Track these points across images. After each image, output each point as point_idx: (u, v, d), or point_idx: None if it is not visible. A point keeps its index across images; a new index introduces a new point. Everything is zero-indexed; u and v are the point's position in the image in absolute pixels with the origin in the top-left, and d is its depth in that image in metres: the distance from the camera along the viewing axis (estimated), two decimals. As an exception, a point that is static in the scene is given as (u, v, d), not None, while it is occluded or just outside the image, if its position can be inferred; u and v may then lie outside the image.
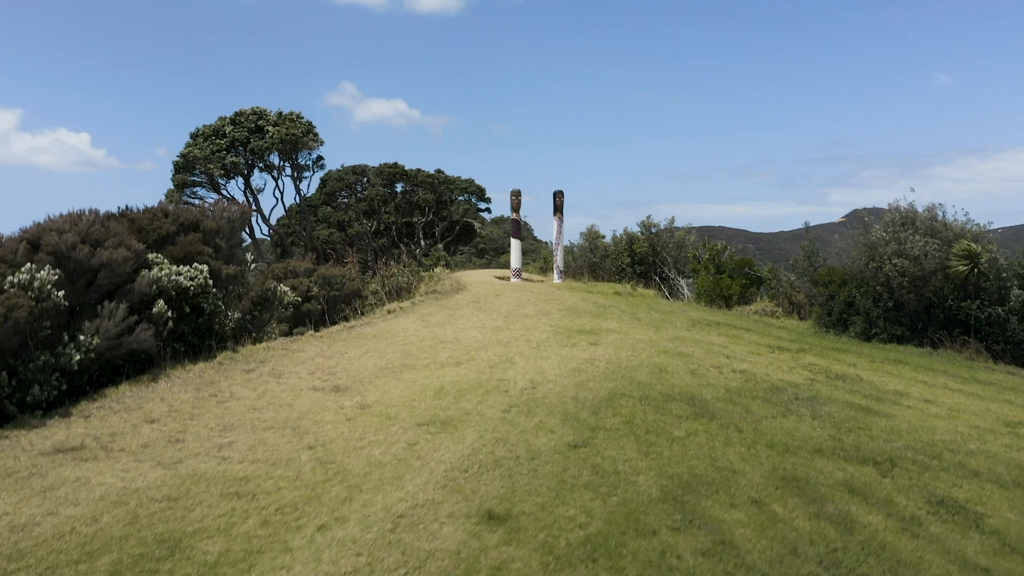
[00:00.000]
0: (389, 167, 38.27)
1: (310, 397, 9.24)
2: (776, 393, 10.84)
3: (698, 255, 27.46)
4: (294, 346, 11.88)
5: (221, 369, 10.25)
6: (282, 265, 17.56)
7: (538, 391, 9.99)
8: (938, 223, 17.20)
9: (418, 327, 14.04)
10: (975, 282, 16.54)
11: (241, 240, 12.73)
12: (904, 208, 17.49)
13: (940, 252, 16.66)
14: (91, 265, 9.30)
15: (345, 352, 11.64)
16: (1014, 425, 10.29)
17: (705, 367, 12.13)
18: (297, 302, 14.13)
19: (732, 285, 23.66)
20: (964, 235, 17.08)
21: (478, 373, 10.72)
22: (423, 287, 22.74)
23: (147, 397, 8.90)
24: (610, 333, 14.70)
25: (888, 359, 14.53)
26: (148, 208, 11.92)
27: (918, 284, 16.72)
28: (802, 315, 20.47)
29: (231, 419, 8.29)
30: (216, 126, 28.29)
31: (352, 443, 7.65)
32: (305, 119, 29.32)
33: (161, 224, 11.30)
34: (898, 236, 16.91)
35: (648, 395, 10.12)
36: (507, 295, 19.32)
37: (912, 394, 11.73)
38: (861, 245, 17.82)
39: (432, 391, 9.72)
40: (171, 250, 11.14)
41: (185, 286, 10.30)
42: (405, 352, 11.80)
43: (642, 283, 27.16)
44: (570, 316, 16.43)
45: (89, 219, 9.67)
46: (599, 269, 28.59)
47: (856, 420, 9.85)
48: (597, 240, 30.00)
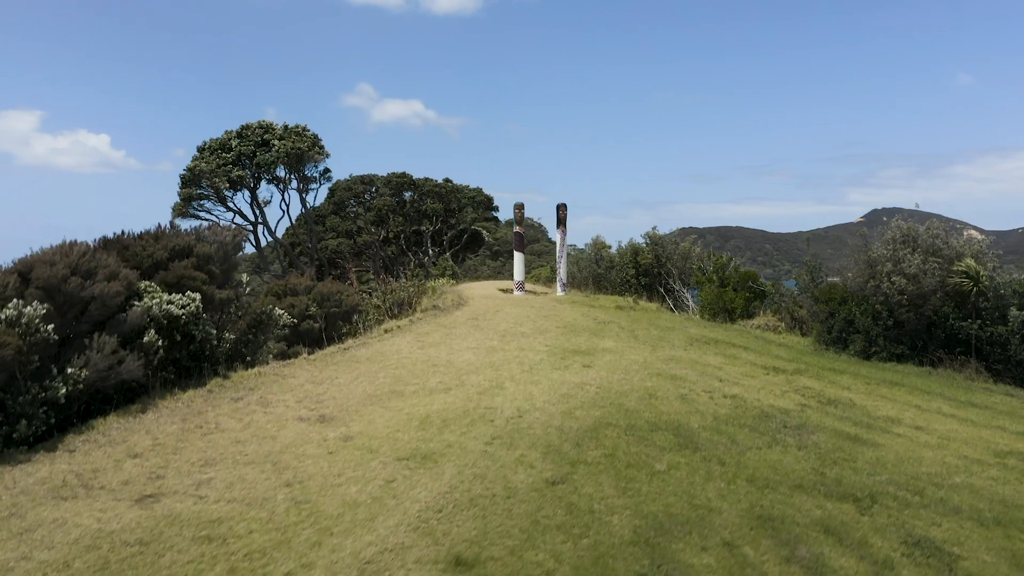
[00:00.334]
0: (397, 176, 38.40)
1: (295, 428, 9.32)
2: (764, 421, 10.82)
3: (703, 267, 27.41)
4: (286, 371, 11.98)
5: (210, 398, 10.35)
6: (282, 282, 17.68)
7: (524, 420, 10.02)
8: (939, 241, 17.08)
9: (412, 348, 14.10)
10: (975, 301, 16.42)
11: (236, 263, 12.83)
12: (905, 225, 17.38)
13: (940, 270, 16.56)
14: (82, 297, 9.43)
15: (336, 377, 11.72)
16: (1003, 455, 10.22)
17: (696, 392, 12.12)
18: (293, 323, 14.22)
19: (736, 299, 23.60)
20: (965, 253, 16.96)
21: (466, 400, 10.77)
22: (425, 300, 22.81)
23: (133, 429, 9.01)
24: (605, 354, 14.71)
25: (884, 381, 14.46)
26: (142, 234, 12.06)
27: (917, 303, 16.61)
28: (804, 331, 20.39)
29: (213, 453, 8.38)
30: (222, 140, 28.50)
31: (330, 480, 7.71)
32: (311, 132, 29.49)
33: (154, 251, 11.42)
34: (897, 254, 16.81)
35: (634, 424, 10.13)
36: (507, 311, 19.36)
37: (904, 420, 11.67)
38: (861, 262, 17.73)
39: (417, 421, 9.78)
40: (164, 276, 11.26)
41: (176, 315, 10.41)
42: (396, 377, 11.86)
43: (646, 295, 27.14)
44: (567, 334, 16.45)
45: (80, 250, 9.79)
46: (604, 280, 28.57)
47: (842, 451, 9.82)
48: (602, 251, 29.98)
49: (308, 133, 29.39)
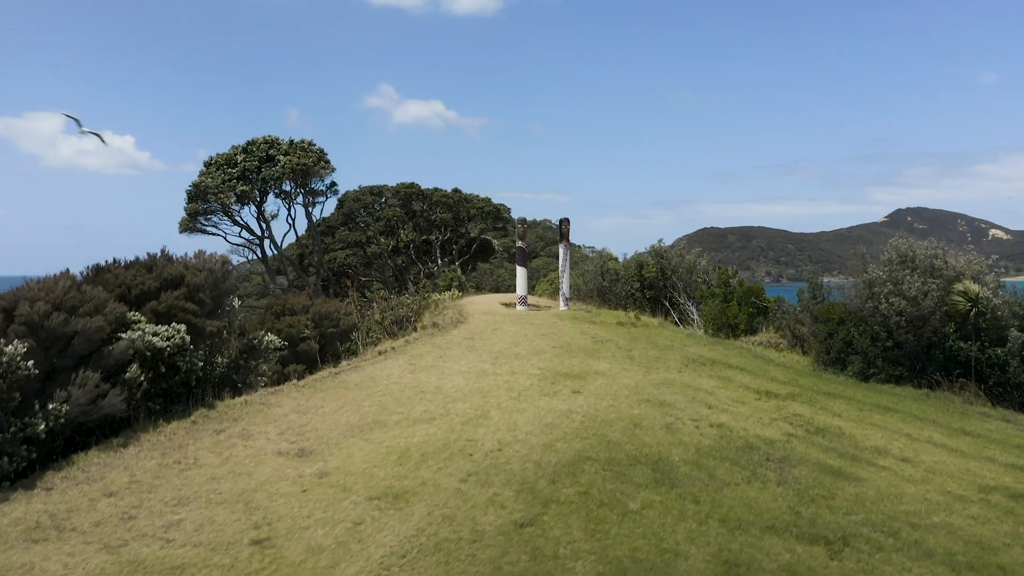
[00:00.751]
0: (406, 187, 38.59)
1: (272, 463, 9.40)
2: (748, 453, 10.77)
3: (708, 280, 27.31)
4: (272, 399, 12.08)
5: (193, 430, 10.46)
6: (280, 301, 17.81)
7: (503, 453, 10.05)
8: (938, 261, 16.93)
9: (404, 372, 14.17)
10: (974, 322, 16.26)
11: (227, 290, 12.96)
12: (903, 246, 17.24)
13: (939, 292, 16.40)
14: (65, 332, 9.57)
15: (321, 406, 11.81)
16: (988, 491, 10.11)
17: (683, 420, 12.09)
18: (284, 346, 14.33)
19: (739, 314, 23.49)
20: (965, 273, 16.80)
21: (448, 432, 10.81)
22: (427, 316, 22.89)
23: (112, 465, 9.13)
24: (598, 377, 14.70)
25: (878, 406, 14.34)
26: (133, 263, 12.21)
27: (916, 324, 16.47)
28: (805, 348, 20.25)
29: (188, 491, 8.48)
30: (228, 155, 28.73)
31: (299, 522, 7.78)
32: (317, 147, 29.70)
33: (144, 281, 11.56)
34: (895, 275, 16.68)
35: (614, 458, 10.12)
36: (505, 328, 19.38)
37: (892, 451, 11.58)
38: (860, 282, 17.60)
39: (396, 455, 9.83)
40: (153, 306, 11.39)
41: (160, 347, 10.54)
42: (381, 406, 11.93)
43: (650, 310, 27.07)
44: (562, 356, 16.45)
45: (65, 285, 9.94)
46: (609, 293, 28.52)
47: (822, 486, 9.76)
48: (608, 263, 29.92)
49: (314, 148, 29.59)
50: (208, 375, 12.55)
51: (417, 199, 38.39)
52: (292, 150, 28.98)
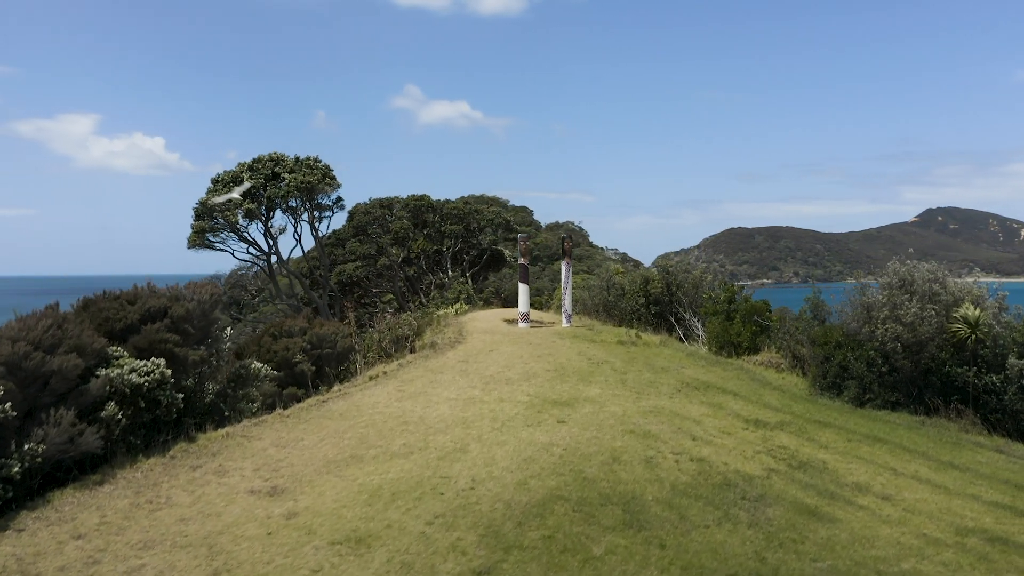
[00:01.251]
0: (416, 199, 38.79)
1: (243, 503, 9.51)
2: (724, 491, 10.72)
3: (713, 296, 27.16)
4: (254, 431, 12.21)
5: (171, 465, 10.61)
6: (277, 324, 17.99)
7: (475, 492, 10.09)
8: (937, 285, 16.73)
9: (390, 400, 14.25)
10: (973, 349, 16.06)
11: (216, 319, 13.12)
12: (903, 269, 17.06)
13: (937, 318, 16.21)
14: (43, 372, 9.74)
15: (302, 439, 11.91)
16: (965, 533, 9.99)
17: (664, 454, 12.05)
18: (275, 374, 14.48)
19: (742, 332, 23.36)
20: (965, 298, 16.59)
21: (423, 468, 10.86)
22: (428, 333, 23.02)
23: (86, 504, 9.29)
24: (586, 404, 14.69)
25: (868, 436, 14.20)
26: (120, 295, 12.40)
27: (913, 350, 16.29)
28: (805, 370, 20.08)
29: (155, 533, 8.60)
30: (235, 173, 29.08)
31: (258, 568, 7.87)
32: (323, 163, 29.96)
33: (127, 314, 11.74)
34: (893, 300, 16.51)
35: (586, 497, 10.12)
36: (502, 349, 19.43)
37: (873, 488, 11.47)
38: (858, 305, 17.44)
39: (368, 493, 9.90)
40: (135, 340, 11.56)
41: (138, 383, 10.70)
42: (361, 438, 12.01)
43: (655, 326, 26.98)
44: (554, 380, 16.45)
45: (45, 324, 10.12)
46: (614, 309, 28.46)
47: (794, 528, 9.70)
48: (614, 277, 29.86)
49: (320, 165, 29.86)
50: (195, 405, 12.72)
51: (427, 211, 38.57)
52: (298, 167, 29.29)
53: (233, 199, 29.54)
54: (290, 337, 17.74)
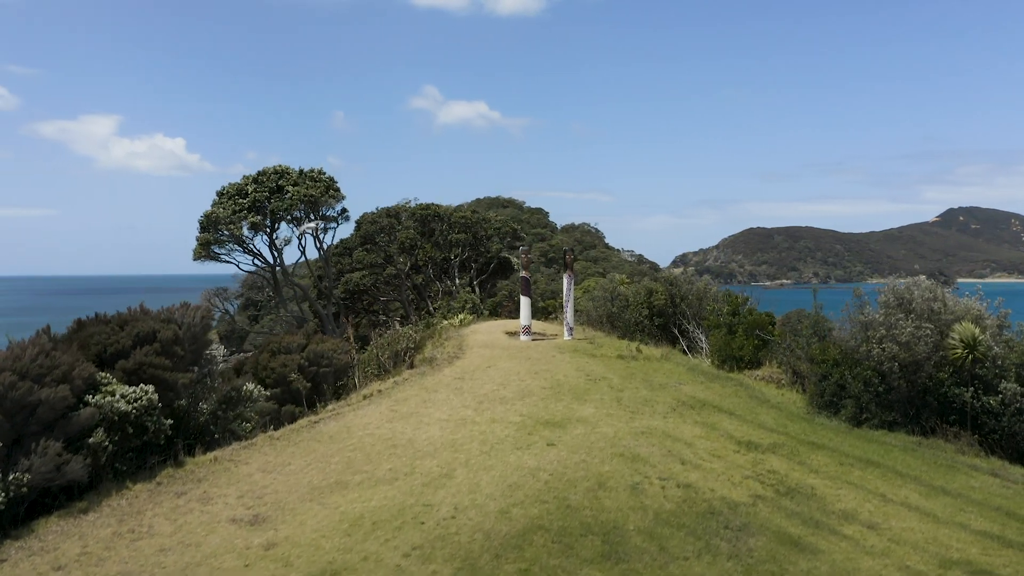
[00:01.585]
0: (423, 208, 38.93)
1: (223, 532, 9.59)
2: (707, 520, 10.69)
3: (717, 308, 27.06)
4: (242, 455, 12.30)
5: (156, 492, 10.71)
6: (276, 340, 18.11)
7: (456, 521, 10.11)
8: (936, 304, 16.59)
9: (382, 421, 14.32)
10: (971, 369, 15.92)
11: (207, 342, 13.24)
12: (900, 287, 16.93)
13: (935, 336, 16.08)
14: (30, 402, 9.87)
15: (288, 463, 11.99)
16: (948, 566, 9.91)
17: (651, 479, 12.03)
18: (267, 395, 14.58)
19: (745, 346, 23.26)
20: (964, 317, 16.44)
21: (406, 495, 10.90)
22: (429, 347, 23.09)
23: (69, 533, 9.40)
24: (578, 425, 14.69)
25: (861, 459, 14.10)
26: (109, 319, 12.53)
27: (910, 370, 16.17)
28: (805, 386, 19.96)
29: (134, 565, 8.69)
30: (239, 185, 29.31)
31: (231, 604, 7.94)
32: (327, 176, 30.15)
33: (117, 339, 11.86)
34: (889, 319, 16.39)
35: (567, 527, 10.12)
36: (500, 365, 19.46)
37: (860, 516, 11.39)
38: (857, 323, 17.33)
39: (348, 522, 9.95)
40: (125, 364, 11.68)
41: (126, 411, 10.81)
42: (348, 463, 12.07)
43: (659, 338, 26.92)
44: (549, 399, 16.46)
45: (33, 353, 10.25)
46: (617, 320, 28.41)
47: (775, 560, 9.66)
48: (618, 288, 29.81)
49: (324, 177, 30.04)
50: (187, 426, 12.84)
51: (434, 220, 38.69)
52: (301, 180, 29.47)
53: (306, 228, 30.15)
54: (288, 354, 17.86)
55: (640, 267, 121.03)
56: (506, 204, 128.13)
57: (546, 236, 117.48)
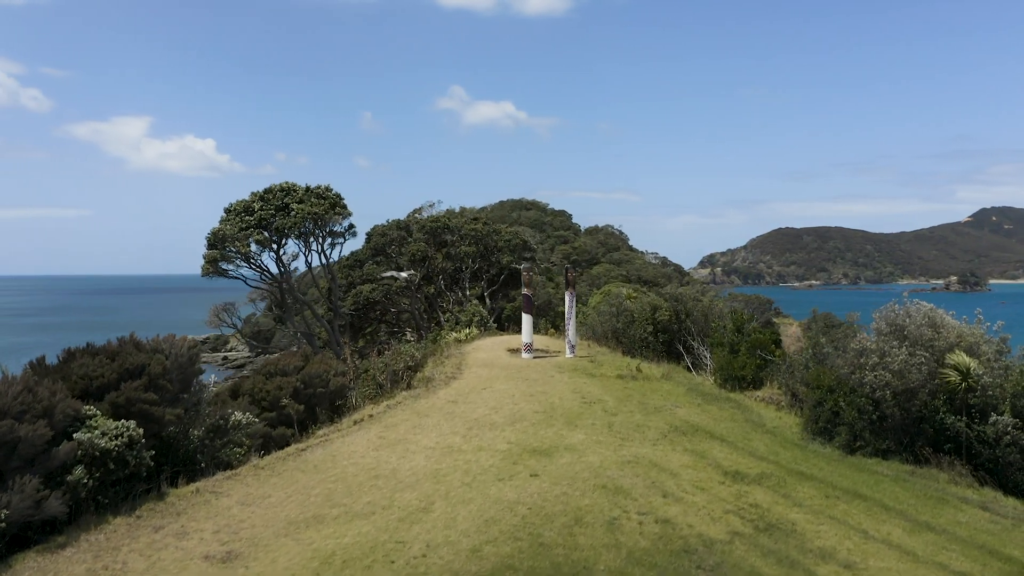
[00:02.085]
0: (433, 221, 39.14)
1: (195, 570, 9.74)
2: (680, 559, 10.68)
3: (722, 325, 26.95)
4: (224, 486, 12.47)
5: (135, 526, 10.89)
6: (272, 362, 18.31)
7: (426, 560, 10.19)
8: (930, 331, 16.41)
9: (368, 449, 14.45)
10: (964, 398, 15.74)
11: (195, 373, 13.45)
12: (894, 314, 16.79)
13: (928, 366, 15.92)
14: (11, 439, 10.10)
15: (269, 496, 12.14)
16: (919, 612, 9.82)
17: (629, 514, 12.02)
18: (254, 422, 14.75)
19: (747, 366, 23.16)
20: (959, 344, 16.26)
21: (381, 531, 10.99)
22: (429, 365, 23.21)
23: (45, 569, 9.60)
24: (565, 454, 14.71)
25: (848, 491, 13.99)
26: (99, 351, 12.77)
27: (903, 398, 16.02)
28: (803, 409, 19.84)
29: (103, 606, 8.86)
30: (247, 203, 29.66)
31: (191, 649, 8.07)
32: (333, 192, 30.43)
33: (105, 372, 12.09)
34: (883, 346, 16.25)
35: (537, 568, 10.15)
36: (496, 387, 19.53)
37: (838, 554, 11.31)
38: (851, 349, 17.20)
39: (319, 560, 10.07)
40: (112, 398, 11.90)
41: (107, 447, 11.02)
42: (328, 495, 12.20)
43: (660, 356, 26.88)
44: (540, 425, 16.50)
45: (16, 390, 10.48)
46: (623, 336, 28.39)
47: (742, 605, 9.63)
48: (625, 303, 29.77)
49: (330, 194, 30.33)
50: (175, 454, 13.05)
51: (445, 232, 38.87)
52: (307, 197, 29.77)
53: (398, 277, 30.61)
54: (284, 376, 18.06)
55: (664, 270, 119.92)
56: (529, 206, 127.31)
57: (569, 239, 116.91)
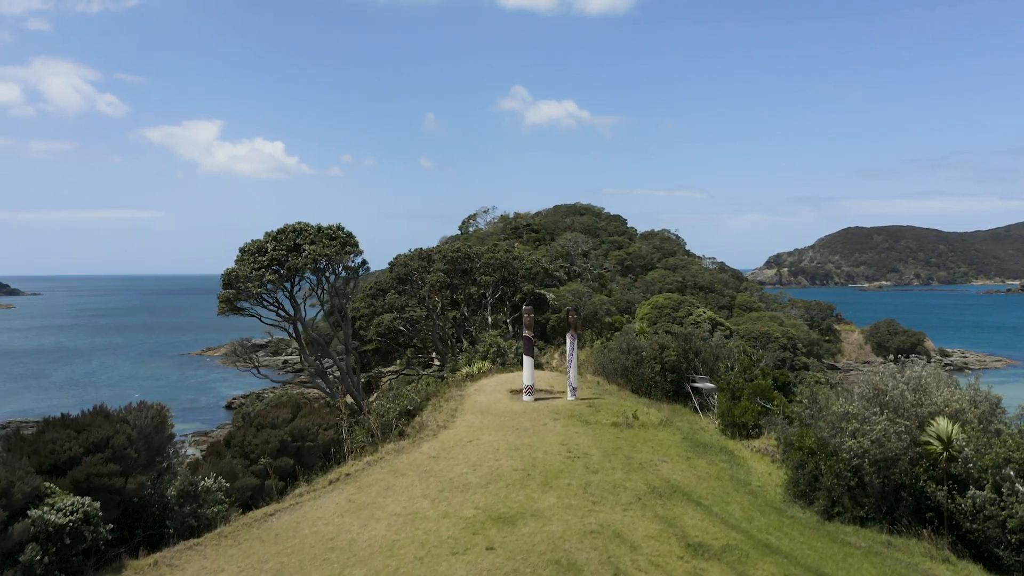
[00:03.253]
0: (454, 251, 39.49)
1: (128, 658, 10.13)
2: (610, 652, 10.68)
3: (729, 366, 26.69)
4: (182, 558, 12.86)
5: (84, 605, 11.35)
6: (263, 414, 18.79)
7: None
8: (914, 396, 16.03)
9: (333, 515, 14.73)
10: (946, 467, 15.34)
11: (164, 440, 13.92)
12: (876, 378, 16.45)
13: (909, 434, 15.57)
14: (-37, 521, 10.65)
15: (221, 570, 12.46)
16: None
17: (574, 597, 12.05)
18: (226, 487, 15.19)
19: (747, 412, 22.89)
20: (942, 412, 15.85)
21: (318, 614, 11.25)
22: (428, 409, 23.50)
23: (-14, 655, 10.09)
24: (530, 522, 14.77)
25: (811, 569, 13.75)
26: (70, 423, 13.33)
27: (883, 465, 15.68)
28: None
29: None
30: (260, 243, 30.45)
31: None
32: (344, 231, 31.00)
33: (71, 446, 12.62)
34: (862, 412, 15.94)
35: (461, 659, 10.29)
36: (483, 439, 19.69)
37: (778, 647, 11.17)
38: (833, 412, 16.89)
39: (250, 648, 10.37)
40: (75, 473, 12.43)
41: (62, 524, 11.52)
42: (279, 570, 12.47)
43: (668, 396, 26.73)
44: (515, 485, 16.56)
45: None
46: (631, 374, 28.28)
47: None
48: (636, 340, 29.62)
49: (341, 233, 30.89)
50: (144, 519, 13.53)
51: (465, 261, 39.19)
52: (319, 237, 30.38)
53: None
54: (272, 428, 18.52)
55: (721, 275, 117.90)
56: (583, 211, 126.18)
57: (623, 244, 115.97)
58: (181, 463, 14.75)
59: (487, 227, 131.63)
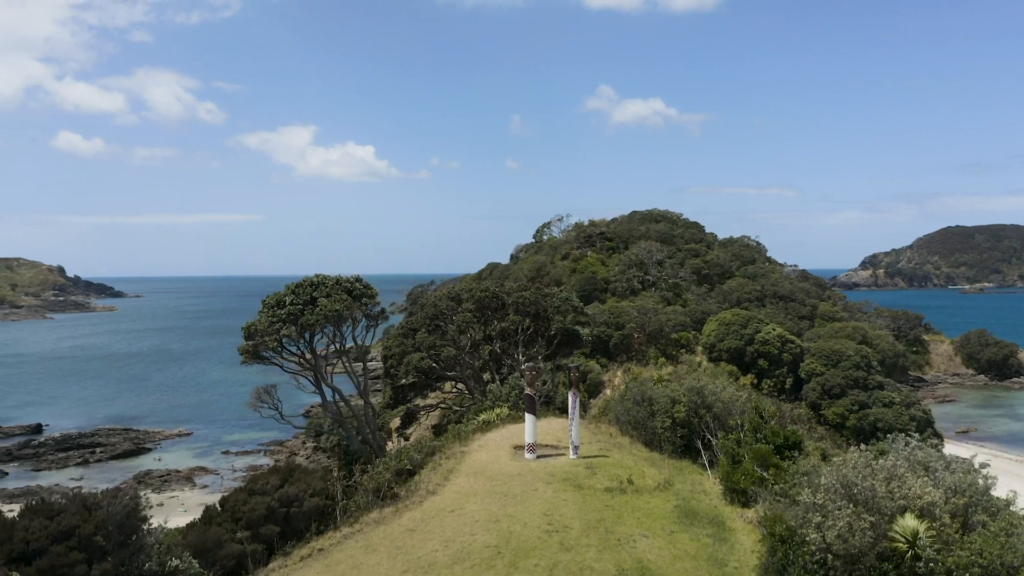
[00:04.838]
0: (481, 291, 39.95)
1: None
2: None
3: (739, 423, 26.34)
4: (137, 648, 13.65)
5: None
6: (256, 477, 19.57)
7: None
8: (884, 489, 15.64)
9: (294, 600, 15.33)
10: (911, 566, 14.93)
11: (137, 523, 14.75)
12: (843, 471, 16.10)
13: (873, 529, 15.20)
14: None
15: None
16: None
17: None
18: (195, 566, 15.92)
19: (746, 479, 22.61)
20: (910, 507, 15.42)
21: None
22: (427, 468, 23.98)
23: None
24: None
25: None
26: (43, 510, 14.27)
27: (847, 560, 15.36)
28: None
29: None
30: (279, 296, 31.53)
31: None
32: (362, 283, 31.79)
33: (36, 535, 13.54)
34: (825, 506, 15.64)
35: None
36: (467, 507, 20.03)
37: None
38: (802, 502, 16.60)
39: None
40: (40, 563, 13.33)
41: (18, 620, 12.40)
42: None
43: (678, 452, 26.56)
44: (481, 566, 16.86)
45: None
46: (643, 428, 28.16)
47: None
48: (650, 390, 29.45)
49: (358, 286, 31.70)
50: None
51: (494, 300, 39.62)
52: (335, 290, 31.24)
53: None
54: (263, 495, 19.28)
55: (803, 284, 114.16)
56: (659, 219, 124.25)
57: (700, 252, 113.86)
58: (155, 544, 15.55)
59: (561, 235, 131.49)
